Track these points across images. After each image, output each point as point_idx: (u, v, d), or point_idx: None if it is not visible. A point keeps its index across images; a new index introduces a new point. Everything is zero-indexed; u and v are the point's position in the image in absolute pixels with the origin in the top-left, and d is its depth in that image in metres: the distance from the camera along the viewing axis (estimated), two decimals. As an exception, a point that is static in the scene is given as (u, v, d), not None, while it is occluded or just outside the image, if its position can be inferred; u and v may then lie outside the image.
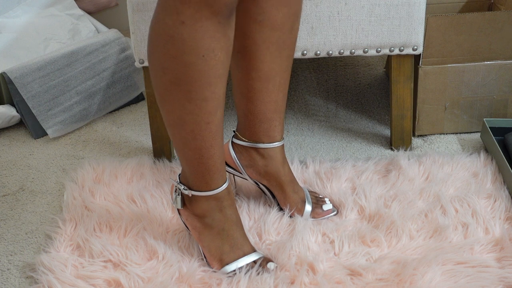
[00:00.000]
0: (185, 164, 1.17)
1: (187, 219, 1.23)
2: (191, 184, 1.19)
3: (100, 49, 1.82)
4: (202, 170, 1.16)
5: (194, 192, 1.19)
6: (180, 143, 1.14)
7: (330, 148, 1.63)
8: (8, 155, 1.66)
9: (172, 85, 1.07)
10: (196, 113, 1.09)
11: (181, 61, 1.04)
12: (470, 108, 1.63)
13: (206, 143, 1.13)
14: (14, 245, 1.34)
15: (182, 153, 1.15)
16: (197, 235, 1.22)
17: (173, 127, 1.12)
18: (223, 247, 1.21)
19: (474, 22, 1.54)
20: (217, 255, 1.21)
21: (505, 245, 1.24)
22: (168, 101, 1.09)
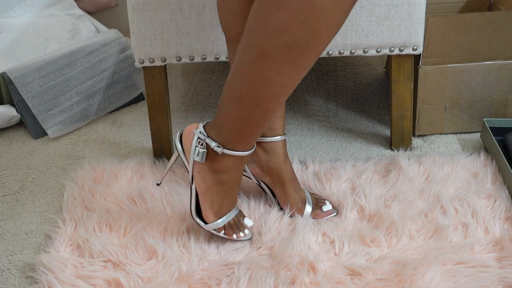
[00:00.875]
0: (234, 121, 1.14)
1: (200, 171, 1.21)
2: (227, 142, 1.17)
3: (100, 49, 1.82)
4: (253, 131, 1.15)
5: (227, 150, 1.18)
6: (252, 102, 1.10)
7: (330, 148, 1.63)
8: (8, 155, 1.66)
9: (285, 46, 1.04)
10: (291, 77, 1.07)
11: (310, 27, 1.02)
12: (470, 108, 1.63)
13: (276, 106, 1.12)
14: (14, 245, 1.34)
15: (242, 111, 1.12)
16: (204, 189, 1.22)
17: (255, 85, 1.09)
18: (223, 201, 1.23)
19: (474, 22, 1.54)
20: (216, 208, 1.23)
21: (505, 245, 1.24)
22: (268, 59, 1.06)
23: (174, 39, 1.44)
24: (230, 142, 1.17)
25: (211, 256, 1.26)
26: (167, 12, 1.42)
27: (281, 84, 1.08)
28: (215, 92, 1.91)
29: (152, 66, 1.49)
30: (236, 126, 1.15)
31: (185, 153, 1.24)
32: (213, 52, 1.46)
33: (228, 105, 1.14)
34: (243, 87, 1.11)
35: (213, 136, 1.19)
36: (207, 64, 2.06)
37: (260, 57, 1.06)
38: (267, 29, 1.04)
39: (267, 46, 1.05)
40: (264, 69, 1.07)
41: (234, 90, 1.12)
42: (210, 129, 1.20)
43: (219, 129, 1.18)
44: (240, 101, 1.12)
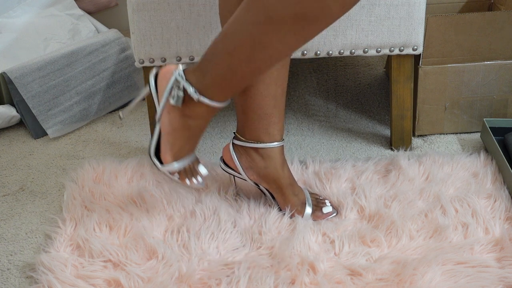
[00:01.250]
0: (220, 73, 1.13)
1: (170, 113, 1.20)
2: (206, 90, 1.15)
3: (100, 49, 1.82)
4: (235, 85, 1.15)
5: (204, 98, 1.16)
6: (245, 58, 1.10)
7: (330, 148, 1.63)
8: (8, 155, 1.66)
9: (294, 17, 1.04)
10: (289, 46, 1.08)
11: (323, 2, 1.01)
12: (470, 108, 1.63)
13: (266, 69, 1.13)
14: (14, 245, 1.34)
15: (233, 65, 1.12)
16: (169, 130, 1.21)
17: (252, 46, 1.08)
18: (185, 146, 1.22)
19: (474, 22, 1.54)
20: (176, 151, 1.22)
21: (505, 245, 1.24)
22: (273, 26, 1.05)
23: (174, 39, 1.44)
24: (209, 91, 1.15)
25: (211, 256, 1.26)
26: (167, 12, 1.42)
27: (279, 50, 1.08)
28: (215, 92, 1.91)
29: (152, 66, 1.49)
30: (220, 77, 1.14)
31: (158, 92, 1.21)
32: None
33: (218, 55, 1.13)
34: (239, 43, 1.10)
35: (192, 81, 1.16)
36: (207, 64, 2.06)
37: (266, 21, 1.06)
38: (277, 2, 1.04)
39: (276, 13, 1.04)
40: (267, 33, 1.06)
41: (229, 43, 1.11)
42: (189, 74, 1.17)
43: (201, 75, 1.16)
44: (232, 55, 1.11)
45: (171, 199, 1.40)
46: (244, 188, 1.44)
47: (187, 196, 1.41)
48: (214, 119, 1.77)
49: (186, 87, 1.16)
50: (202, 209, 1.37)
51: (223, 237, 1.30)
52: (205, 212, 1.36)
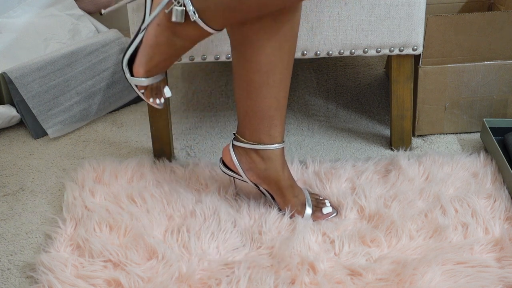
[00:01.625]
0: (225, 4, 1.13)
1: (159, 25, 1.17)
2: (204, 12, 1.13)
3: (100, 49, 1.82)
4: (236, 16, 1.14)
5: (200, 20, 1.14)
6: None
7: (330, 148, 1.63)
8: (8, 155, 1.66)
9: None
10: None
11: None
12: (470, 108, 1.63)
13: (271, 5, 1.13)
14: (14, 245, 1.34)
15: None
16: (151, 43, 1.19)
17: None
18: (160, 63, 1.22)
19: (474, 22, 1.54)
20: (150, 66, 1.22)
21: (505, 245, 1.24)
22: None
23: (174, 39, 1.44)
24: (208, 14, 1.14)
25: (211, 256, 1.26)
26: (167, 12, 1.42)
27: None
28: (215, 92, 1.91)
29: (152, 66, 1.49)
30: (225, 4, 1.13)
31: (153, 1, 1.20)
32: (213, 52, 1.46)
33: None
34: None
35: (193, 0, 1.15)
36: (207, 64, 2.06)
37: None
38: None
39: None
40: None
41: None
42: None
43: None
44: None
45: (171, 199, 1.41)
46: (244, 189, 1.44)
47: (187, 196, 1.41)
48: (214, 119, 1.78)
49: (186, 3, 1.14)
50: (202, 209, 1.37)
51: (223, 237, 1.30)
52: (205, 212, 1.36)
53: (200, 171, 1.50)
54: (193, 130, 1.73)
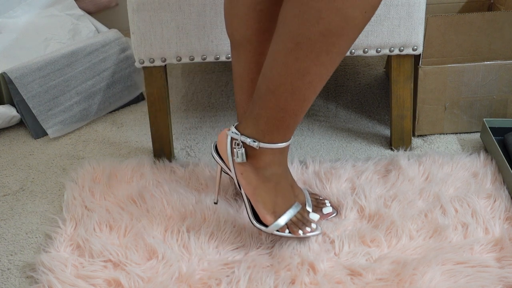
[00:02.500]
0: (271, 113, 1.13)
1: (243, 173, 1.19)
2: (263, 136, 1.15)
3: (100, 49, 1.82)
4: (289, 122, 1.14)
5: (264, 144, 1.16)
6: (288, 91, 1.10)
7: (330, 148, 1.63)
8: (8, 155, 1.66)
9: (320, 35, 1.03)
10: (326, 66, 1.07)
11: (345, 14, 1.01)
12: (470, 108, 1.63)
13: (312, 96, 1.11)
14: (14, 245, 1.34)
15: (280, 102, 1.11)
16: (251, 190, 1.19)
17: (291, 75, 1.08)
18: (276, 199, 1.20)
19: (474, 22, 1.54)
20: (271, 208, 1.20)
21: (504, 245, 1.24)
22: (304, 49, 1.05)
23: (174, 39, 1.44)
24: (267, 135, 1.15)
25: (211, 256, 1.26)
26: (167, 12, 1.42)
27: (317, 73, 1.08)
28: (215, 92, 1.91)
29: (152, 66, 1.49)
30: (272, 118, 1.13)
31: (224, 160, 1.22)
32: (213, 52, 1.46)
33: (264, 97, 1.13)
34: (278, 77, 1.10)
35: (248, 132, 1.17)
36: (207, 64, 2.06)
37: (296, 47, 1.06)
38: (302, 18, 1.03)
39: (302, 36, 1.04)
40: (300, 59, 1.06)
41: (269, 80, 1.11)
42: (243, 127, 1.18)
43: (255, 123, 1.16)
44: (275, 92, 1.11)
45: (171, 199, 1.41)
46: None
47: (187, 196, 1.41)
48: (214, 119, 1.78)
49: (244, 140, 1.16)
50: (202, 209, 1.37)
51: (223, 237, 1.30)
52: (205, 212, 1.36)
53: (200, 171, 1.50)
54: (193, 130, 1.73)
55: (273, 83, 1.11)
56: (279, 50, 1.08)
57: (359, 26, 1.04)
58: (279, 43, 1.08)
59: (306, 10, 1.03)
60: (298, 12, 1.04)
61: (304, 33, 1.04)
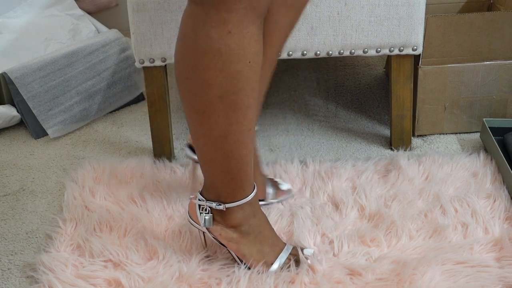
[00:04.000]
0: (219, 178, 1.13)
1: (220, 234, 1.18)
2: (225, 196, 1.15)
3: (100, 49, 1.82)
4: (241, 178, 1.13)
5: (229, 204, 1.15)
6: (222, 156, 1.10)
7: (330, 148, 1.63)
8: (8, 155, 1.66)
9: (218, 98, 1.04)
10: (240, 122, 1.07)
11: (229, 72, 1.02)
12: (470, 108, 1.63)
13: (248, 149, 1.11)
14: (14, 245, 1.35)
15: (220, 167, 1.12)
16: (235, 247, 1.19)
17: (215, 142, 1.09)
18: (263, 249, 1.19)
19: (474, 22, 1.54)
20: (260, 258, 1.19)
21: (504, 245, 1.24)
22: (212, 116, 1.06)
23: (174, 39, 1.44)
24: (229, 196, 1.15)
25: (211, 256, 1.26)
26: (167, 12, 1.42)
27: (237, 130, 1.08)
28: (215, 92, 1.91)
29: (152, 66, 1.49)
30: (223, 180, 1.13)
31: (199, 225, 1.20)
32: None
33: (206, 167, 1.13)
34: (207, 148, 1.10)
35: (211, 197, 1.16)
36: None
37: (203, 116, 1.06)
38: (195, 89, 1.04)
39: (202, 105, 1.05)
40: (213, 125, 1.07)
41: (202, 153, 1.12)
42: (206, 193, 1.17)
43: (212, 188, 1.16)
44: (212, 160, 1.11)
45: (171, 199, 1.41)
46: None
47: (187, 196, 1.42)
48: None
49: (209, 205, 1.16)
50: (202, 209, 1.37)
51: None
52: (205, 212, 1.36)
53: (200, 171, 1.50)
54: (193, 130, 1.73)
55: (207, 155, 1.11)
56: (192, 125, 1.09)
57: (250, 76, 1.04)
58: (188, 119, 1.09)
59: (194, 81, 1.04)
60: (187, 87, 1.05)
61: (201, 103, 1.05)
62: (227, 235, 1.18)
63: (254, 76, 1.04)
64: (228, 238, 1.18)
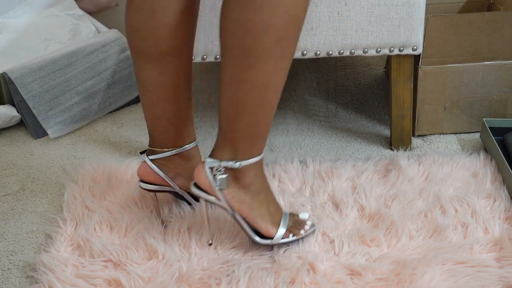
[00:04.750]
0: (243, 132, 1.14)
1: (233, 196, 1.19)
2: (242, 153, 1.16)
3: (100, 49, 1.82)
4: (263, 133, 1.16)
5: (245, 161, 1.17)
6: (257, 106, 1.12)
7: (330, 148, 1.63)
8: (8, 155, 1.66)
9: (273, 44, 1.06)
10: (284, 71, 1.10)
11: (289, 15, 1.05)
12: (470, 108, 1.63)
13: (277, 101, 1.15)
14: (14, 245, 1.35)
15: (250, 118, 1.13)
16: (247, 209, 1.20)
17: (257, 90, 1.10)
18: (270, 208, 1.22)
19: (474, 22, 1.54)
20: (269, 219, 1.21)
21: (504, 245, 1.25)
22: (262, 62, 1.07)
23: (174, 39, 1.44)
24: (246, 153, 1.16)
25: (210, 255, 1.26)
26: (167, 12, 1.42)
27: (278, 80, 1.10)
28: (215, 92, 1.92)
29: (152, 66, 1.49)
30: (247, 136, 1.15)
31: (209, 191, 1.20)
32: (213, 52, 1.46)
33: (234, 120, 1.14)
34: (244, 97, 1.11)
35: (226, 157, 1.17)
36: (207, 64, 2.06)
37: (254, 62, 1.07)
38: (252, 33, 1.05)
39: (256, 49, 1.06)
40: (261, 72, 1.08)
41: (236, 103, 1.12)
42: (219, 154, 1.18)
43: (231, 146, 1.16)
44: (245, 111, 1.12)
45: (171, 199, 1.41)
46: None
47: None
48: (214, 118, 1.78)
49: (225, 164, 1.17)
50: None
51: (222, 236, 1.30)
52: (205, 212, 1.36)
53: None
54: (193, 130, 1.73)
55: (241, 104, 1.12)
56: (237, 72, 1.09)
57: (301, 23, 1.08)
58: (234, 65, 1.09)
59: (253, 26, 1.05)
60: (246, 29, 1.06)
61: (258, 46, 1.06)
62: (240, 197, 1.19)
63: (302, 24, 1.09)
64: (240, 200, 1.19)
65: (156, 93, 1.25)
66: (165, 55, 1.21)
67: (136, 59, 1.23)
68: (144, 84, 1.25)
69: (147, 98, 1.26)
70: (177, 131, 1.30)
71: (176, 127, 1.29)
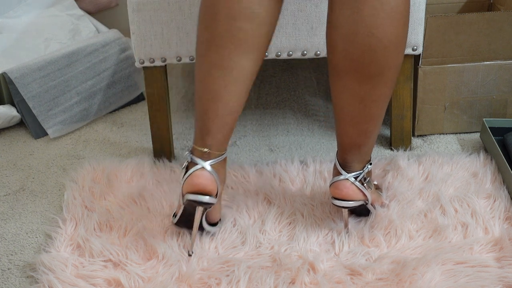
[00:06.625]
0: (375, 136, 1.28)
1: (373, 193, 1.34)
2: (367, 157, 1.30)
3: (100, 49, 1.82)
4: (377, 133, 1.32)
5: (371, 160, 1.33)
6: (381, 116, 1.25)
7: (330, 148, 1.63)
8: (8, 155, 1.66)
9: (380, 94, 1.20)
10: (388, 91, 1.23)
11: (389, 62, 1.17)
12: (470, 108, 1.63)
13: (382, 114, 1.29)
14: (14, 245, 1.35)
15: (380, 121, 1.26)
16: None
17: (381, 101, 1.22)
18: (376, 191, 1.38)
19: (474, 22, 1.54)
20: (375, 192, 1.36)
21: (504, 245, 1.25)
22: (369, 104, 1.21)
23: (174, 39, 1.45)
24: (371, 152, 1.30)
25: (210, 255, 1.26)
26: (167, 12, 1.42)
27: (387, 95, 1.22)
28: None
29: (153, 66, 1.49)
30: (376, 137, 1.28)
31: (357, 199, 1.28)
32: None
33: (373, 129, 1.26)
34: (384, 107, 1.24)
35: (361, 166, 1.28)
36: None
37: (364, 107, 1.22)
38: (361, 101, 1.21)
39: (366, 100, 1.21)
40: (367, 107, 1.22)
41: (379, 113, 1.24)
42: (357, 165, 1.28)
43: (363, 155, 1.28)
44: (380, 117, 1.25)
45: (171, 199, 1.41)
46: (242, 188, 1.44)
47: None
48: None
49: (367, 170, 1.29)
50: (202, 209, 1.37)
51: (222, 236, 1.30)
52: (205, 212, 1.36)
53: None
54: (193, 130, 1.73)
55: (381, 115, 1.24)
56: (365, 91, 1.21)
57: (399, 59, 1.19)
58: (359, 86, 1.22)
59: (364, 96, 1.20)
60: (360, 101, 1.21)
61: (367, 99, 1.20)
62: (374, 193, 1.33)
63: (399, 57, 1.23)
64: (375, 194, 1.34)
65: (246, 83, 1.19)
66: (262, 45, 1.20)
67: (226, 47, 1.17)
68: (233, 75, 1.17)
69: (230, 92, 1.18)
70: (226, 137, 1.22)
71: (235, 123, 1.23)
